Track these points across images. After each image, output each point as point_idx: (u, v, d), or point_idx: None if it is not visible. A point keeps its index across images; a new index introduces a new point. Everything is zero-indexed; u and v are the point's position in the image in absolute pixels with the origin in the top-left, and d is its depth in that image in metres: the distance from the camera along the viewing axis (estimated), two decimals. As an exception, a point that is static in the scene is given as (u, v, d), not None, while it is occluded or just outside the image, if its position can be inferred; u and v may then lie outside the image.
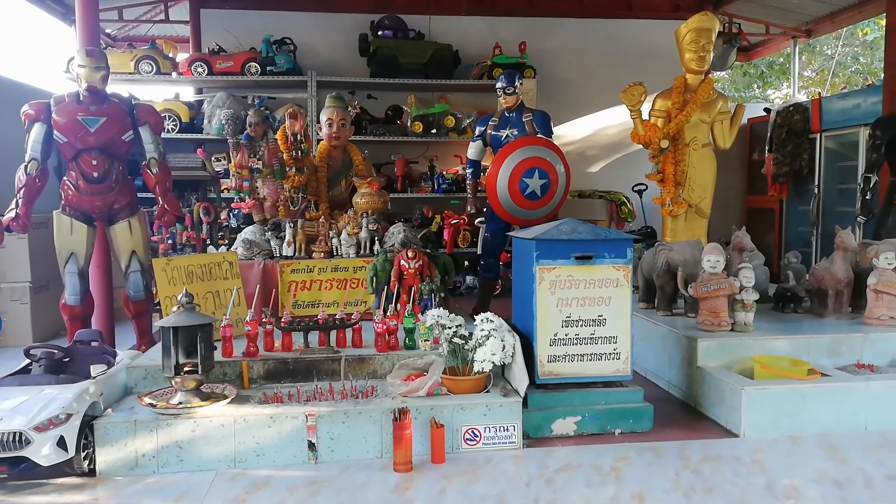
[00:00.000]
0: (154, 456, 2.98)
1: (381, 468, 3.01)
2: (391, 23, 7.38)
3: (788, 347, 3.81)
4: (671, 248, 4.36)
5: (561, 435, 3.34)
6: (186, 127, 6.95)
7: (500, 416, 3.18)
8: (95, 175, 4.15)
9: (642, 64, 7.70)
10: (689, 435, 3.38)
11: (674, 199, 5.25)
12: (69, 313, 4.25)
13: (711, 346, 3.76)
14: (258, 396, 3.25)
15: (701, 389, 3.71)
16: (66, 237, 4.20)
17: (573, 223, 3.47)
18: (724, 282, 3.86)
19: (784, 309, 4.57)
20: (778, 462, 3.08)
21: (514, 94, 5.30)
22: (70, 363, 3.36)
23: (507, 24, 7.98)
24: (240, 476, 2.95)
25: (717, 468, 3.00)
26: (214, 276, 4.03)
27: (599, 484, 2.84)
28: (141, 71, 6.82)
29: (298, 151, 4.93)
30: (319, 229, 4.68)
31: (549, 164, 5.13)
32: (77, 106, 4.12)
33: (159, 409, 3.05)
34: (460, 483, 2.85)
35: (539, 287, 3.35)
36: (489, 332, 3.34)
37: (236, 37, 7.32)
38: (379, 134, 7.23)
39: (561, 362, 3.38)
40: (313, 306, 4.40)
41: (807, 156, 7.35)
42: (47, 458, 2.77)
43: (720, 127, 5.32)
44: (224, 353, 3.49)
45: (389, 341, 3.64)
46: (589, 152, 8.39)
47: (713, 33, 5.22)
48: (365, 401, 3.20)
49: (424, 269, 4.28)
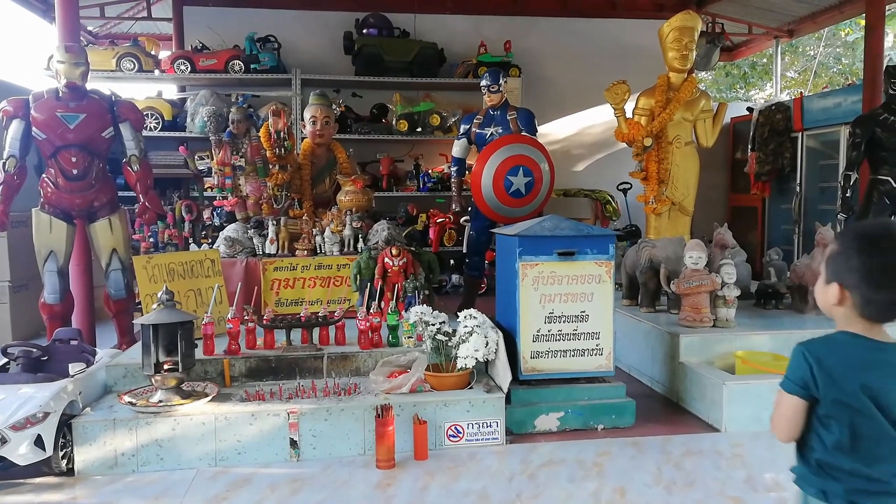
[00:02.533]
0: (133, 455, 2.95)
1: (363, 465, 2.99)
2: (376, 21, 7.36)
3: (770, 343, 3.85)
4: (654, 245, 4.39)
5: (544, 431, 3.35)
6: (169, 125, 6.88)
7: (483, 413, 3.18)
8: (75, 172, 4.10)
9: (626, 63, 7.73)
10: (671, 430, 3.40)
11: (657, 196, 5.28)
12: (49, 312, 4.19)
13: (694, 341, 3.78)
14: (240, 394, 3.23)
15: (683, 385, 3.73)
16: (45, 235, 4.14)
17: (556, 219, 3.48)
18: (706, 278, 3.89)
19: (765, 305, 4.61)
20: (759, 456, 3.10)
21: (498, 93, 5.30)
22: (48, 362, 3.32)
23: (492, 23, 7.99)
24: (221, 474, 2.93)
25: (698, 462, 3.02)
26: (196, 273, 3.99)
27: (582, 479, 2.85)
28: (123, 68, 6.75)
29: (282, 149, 4.91)
30: (303, 227, 4.66)
31: (534, 161, 5.14)
32: (56, 102, 4.07)
33: (139, 407, 3.02)
34: (443, 479, 2.85)
35: (522, 283, 3.35)
36: (472, 328, 3.34)
37: (220, 34, 7.26)
38: (364, 132, 7.21)
39: (544, 358, 3.39)
40: (296, 304, 4.38)
41: (789, 154, 7.42)
42: (24, 458, 2.73)
43: (703, 125, 5.35)
44: (205, 351, 3.46)
45: (373, 338, 3.63)
46: (574, 151, 8.41)
47: (696, 32, 5.26)
48: (348, 398, 3.19)
49: (408, 267, 4.28)
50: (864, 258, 1.41)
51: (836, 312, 1.49)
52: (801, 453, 1.53)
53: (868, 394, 1.40)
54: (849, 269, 1.43)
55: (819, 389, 1.44)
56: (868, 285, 1.41)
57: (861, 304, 1.43)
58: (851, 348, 1.45)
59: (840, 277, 1.45)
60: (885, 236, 1.42)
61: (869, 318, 1.44)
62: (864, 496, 1.43)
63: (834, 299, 1.46)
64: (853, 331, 1.46)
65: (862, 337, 1.45)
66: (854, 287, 1.43)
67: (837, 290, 1.45)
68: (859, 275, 1.42)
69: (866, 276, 1.41)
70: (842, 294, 1.45)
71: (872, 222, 2.55)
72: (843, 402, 1.42)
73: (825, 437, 1.46)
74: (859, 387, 1.41)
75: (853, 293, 1.43)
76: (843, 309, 1.46)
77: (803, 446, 1.51)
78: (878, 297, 1.41)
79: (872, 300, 1.42)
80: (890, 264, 1.40)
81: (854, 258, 1.42)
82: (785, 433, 1.52)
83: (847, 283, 1.44)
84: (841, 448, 1.44)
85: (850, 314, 1.46)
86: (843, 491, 1.44)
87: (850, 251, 1.44)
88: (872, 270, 1.41)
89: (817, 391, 1.45)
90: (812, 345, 1.50)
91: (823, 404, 1.45)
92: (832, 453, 1.45)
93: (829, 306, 1.49)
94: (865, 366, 1.43)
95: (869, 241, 1.43)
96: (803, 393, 1.47)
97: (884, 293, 1.41)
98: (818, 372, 1.45)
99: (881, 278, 1.40)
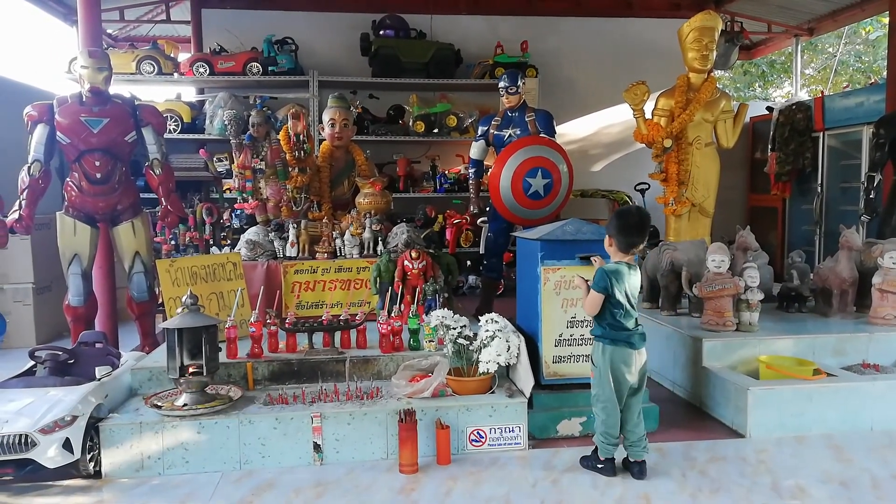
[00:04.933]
0: (160, 457, 2.98)
1: (386, 469, 3.00)
2: (392, 22, 7.37)
3: (793, 347, 3.81)
4: (675, 248, 4.36)
5: (566, 436, 3.34)
6: (188, 127, 6.93)
7: (505, 417, 3.17)
8: (98, 176, 4.15)
9: (643, 63, 7.70)
10: (694, 435, 3.38)
11: (677, 198, 5.24)
12: (73, 314, 4.24)
13: (716, 346, 3.75)
14: (263, 398, 3.25)
15: (706, 390, 3.70)
16: (69, 238, 4.19)
17: (577, 223, 3.47)
18: (729, 281, 3.85)
19: (788, 309, 4.56)
20: (784, 462, 3.07)
21: (516, 94, 5.28)
22: (75, 365, 3.36)
23: (509, 24, 7.97)
24: (245, 477, 2.95)
25: (722, 468, 3.00)
26: (218, 277, 4.02)
27: (606, 485, 2.84)
28: (143, 71, 6.81)
29: (301, 151, 4.93)
30: (323, 230, 4.67)
31: (553, 163, 5.11)
32: (80, 107, 4.11)
33: (165, 410, 3.04)
34: (466, 484, 2.85)
35: (544, 288, 3.35)
36: (494, 332, 3.34)
37: (238, 37, 7.31)
38: (381, 134, 7.22)
39: (566, 363, 3.38)
40: (317, 307, 4.40)
41: (810, 154, 7.33)
42: (53, 461, 2.77)
43: (723, 126, 5.30)
44: (228, 355, 3.48)
45: (394, 342, 3.63)
46: (591, 151, 8.38)
47: (716, 32, 5.21)
48: (370, 402, 3.20)
49: (428, 270, 4.28)
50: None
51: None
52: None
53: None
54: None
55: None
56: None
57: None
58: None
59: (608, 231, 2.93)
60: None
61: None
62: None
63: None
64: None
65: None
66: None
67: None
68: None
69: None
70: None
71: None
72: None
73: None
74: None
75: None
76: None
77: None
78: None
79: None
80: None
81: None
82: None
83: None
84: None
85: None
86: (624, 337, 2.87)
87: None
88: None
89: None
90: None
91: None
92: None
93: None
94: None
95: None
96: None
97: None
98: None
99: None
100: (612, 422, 2.88)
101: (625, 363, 2.86)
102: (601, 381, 2.89)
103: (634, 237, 2.87)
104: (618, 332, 2.86)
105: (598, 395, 2.91)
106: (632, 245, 2.88)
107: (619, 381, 2.86)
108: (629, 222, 2.89)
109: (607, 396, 2.87)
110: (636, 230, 2.88)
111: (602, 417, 2.90)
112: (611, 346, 2.87)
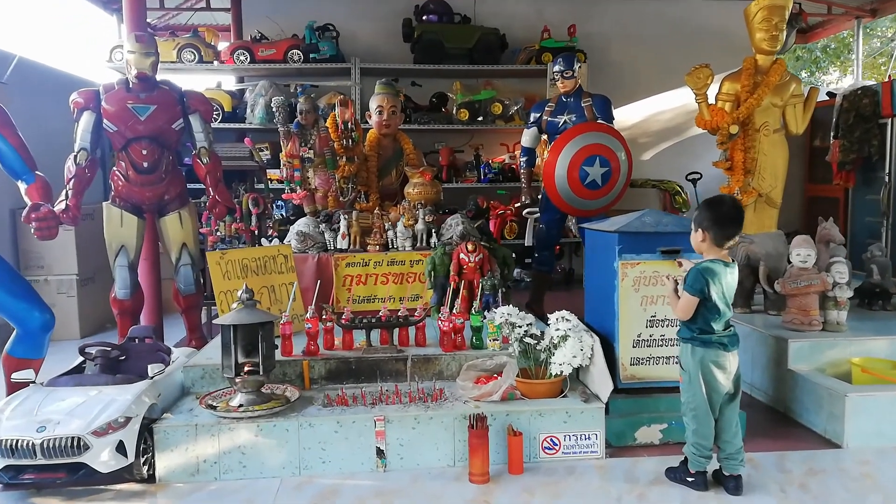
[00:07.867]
0: (216, 461, 2.82)
1: (454, 478, 2.80)
2: (436, 7, 7.12)
3: (887, 349, 3.51)
4: (752, 241, 4.07)
5: (645, 443, 3.10)
6: (229, 116, 6.80)
7: (580, 424, 2.95)
8: (145, 165, 4.01)
9: (696, 45, 7.35)
10: (785, 445, 3.11)
11: (743, 188, 4.93)
12: (119, 307, 4.12)
13: (803, 347, 3.47)
14: (321, 398, 3.07)
15: (793, 394, 3.43)
16: (116, 229, 4.06)
17: (656, 214, 3.21)
18: (816, 277, 3.57)
19: (871, 306, 4.25)
20: (891, 475, 2.80)
21: (572, 78, 5.04)
22: (125, 361, 3.22)
23: (555, 7, 7.66)
24: (306, 484, 2.78)
25: (823, 482, 2.74)
26: (269, 269, 3.86)
27: (697, 500, 2.60)
28: (183, 59, 6.68)
29: (349, 140, 4.75)
30: (374, 221, 4.48)
31: (611, 151, 4.87)
32: (127, 94, 3.97)
33: (220, 411, 2.88)
34: (544, 497, 2.64)
35: (621, 284, 3.10)
36: (566, 332, 3.11)
37: (278, 24, 7.14)
38: (423, 122, 7.00)
39: (645, 365, 3.13)
40: (369, 301, 4.22)
41: (876, 142, 6.90)
42: (106, 465, 2.62)
43: (793, 111, 4.97)
44: (283, 352, 3.31)
45: (455, 340, 3.43)
46: (640, 140, 8.05)
47: (787, 11, 4.87)
48: (435, 404, 3.00)
49: (485, 264, 4.07)
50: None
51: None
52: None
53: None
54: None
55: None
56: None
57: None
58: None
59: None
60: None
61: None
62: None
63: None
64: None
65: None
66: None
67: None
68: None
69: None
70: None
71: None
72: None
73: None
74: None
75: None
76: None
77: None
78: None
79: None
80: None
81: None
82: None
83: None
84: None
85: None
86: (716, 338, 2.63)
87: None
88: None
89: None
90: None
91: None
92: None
93: None
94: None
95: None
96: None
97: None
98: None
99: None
100: (704, 431, 2.63)
101: (718, 366, 2.61)
102: (692, 386, 2.64)
103: (731, 228, 2.60)
104: (709, 333, 2.62)
105: (689, 403, 2.67)
106: (728, 238, 2.61)
107: (713, 385, 2.61)
108: (725, 212, 2.61)
109: (699, 403, 2.62)
110: (733, 221, 2.61)
111: (693, 427, 2.65)
112: (702, 347, 2.62)
